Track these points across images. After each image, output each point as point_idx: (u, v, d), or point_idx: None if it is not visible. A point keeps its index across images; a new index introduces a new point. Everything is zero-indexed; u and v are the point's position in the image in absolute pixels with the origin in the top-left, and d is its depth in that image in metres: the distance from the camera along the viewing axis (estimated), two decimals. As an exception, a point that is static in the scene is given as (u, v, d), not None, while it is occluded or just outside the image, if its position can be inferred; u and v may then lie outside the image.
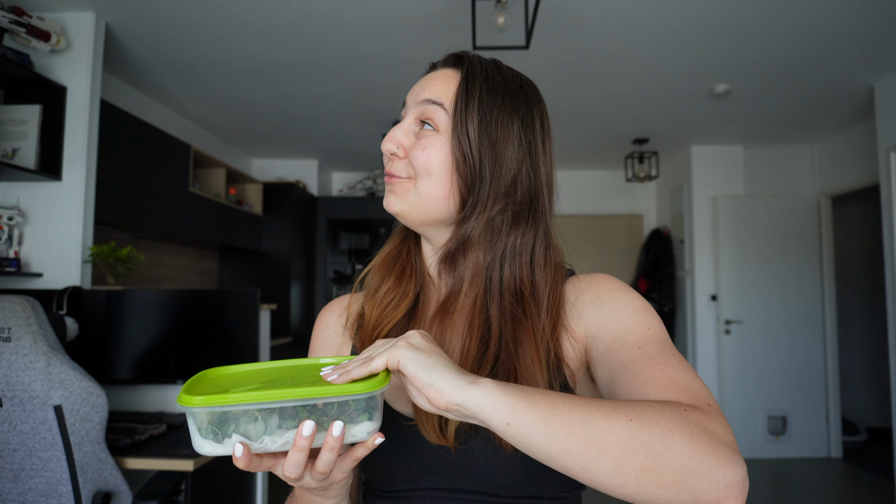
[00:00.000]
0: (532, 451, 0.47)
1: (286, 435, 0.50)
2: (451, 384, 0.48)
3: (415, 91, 0.70)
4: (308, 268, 5.09)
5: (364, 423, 0.52)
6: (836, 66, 3.15)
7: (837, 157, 4.47)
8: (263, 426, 0.50)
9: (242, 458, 0.49)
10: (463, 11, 2.52)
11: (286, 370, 0.59)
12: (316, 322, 0.80)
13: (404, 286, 0.72)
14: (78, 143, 2.47)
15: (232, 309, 2.22)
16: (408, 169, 0.68)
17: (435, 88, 0.68)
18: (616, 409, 0.47)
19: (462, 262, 0.68)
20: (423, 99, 0.68)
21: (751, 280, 4.62)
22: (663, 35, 2.79)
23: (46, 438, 1.50)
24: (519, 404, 0.47)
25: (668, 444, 0.45)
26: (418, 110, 0.69)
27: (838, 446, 4.51)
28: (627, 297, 0.66)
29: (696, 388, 0.52)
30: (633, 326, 0.62)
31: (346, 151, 4.99)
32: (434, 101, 0.68)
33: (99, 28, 2.58)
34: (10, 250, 2.36)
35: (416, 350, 0.51)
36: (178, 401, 0.49)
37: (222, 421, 0.50)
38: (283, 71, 3.22)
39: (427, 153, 0.67)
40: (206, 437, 0.50)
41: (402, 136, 0.69)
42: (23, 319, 1.50)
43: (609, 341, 0.62)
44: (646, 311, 0.64)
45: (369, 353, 0.53)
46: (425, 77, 0.71)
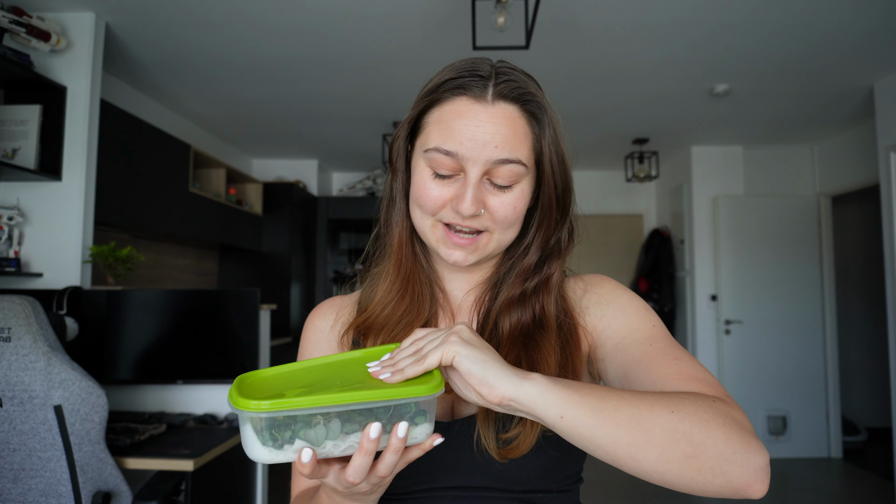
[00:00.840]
0: (582, 442, 0.49)
1: (349, 439, 0.49)
2: (505, 380, 0.49)
3: (477, 141, 0.62)
4: (308, 268, 5.09)
5: (423, 425, 0.51)
6: (836, 66, 3.15)
7: (837, 157, 4.47)
8: (325, 431, 0.48)
9: (309, 463, 0.47)
10: (463, 11, 2.52)
11: (328, 368, 0.57)
12: (307, 324, 0.78)
13: (418, 303, 0.71)
14: (78, 143, 2.47)
15: (232, 309, 2.22)
16: (485, 223, 0.65)
17: (506, 142, 0.62)
18: (658, 402, 0.50)
19: (536, 299, 0.69)
20: (499, 159, 0.62)
21: (751, 280, 4.62)
22: (663, 35, 2.79)
23: (46, 438, 1.50)
24: (570, 398, 0.49)
25: (706, 433, 0.48)
26: (490, 167, 0.63)
27: (838, 446, 4.51)
28: (628, 297, 0.69)
29: (712, 380, 0.57)
30: (640, 324, 0.65)
31: (346, 151, 4.99)
32: (512, 161, 0.63)
33: (99, 28, 2.58)
34: (10, 250, 2.36)
35: (470, 346, 0.51)
36: (234, 405, 0.47)
37: (283, 426, 0.48)
38: (283, 70, 3.22)
39: (516, 210, 0.66)
40: (265, 443, 0.47)
41: (480, 195, 0.64)
42: (23, 319, 1.50)
43: (618, 338, 0.65)
44: (648, 310, 0.68)
45: (417, 347, 0.53)
46: (478, 117, 0.62)
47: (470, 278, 0.74)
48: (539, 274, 0.70)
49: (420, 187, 0.66)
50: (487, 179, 0.64)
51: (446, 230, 0.65)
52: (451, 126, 0.63)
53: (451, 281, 0.74)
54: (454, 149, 0.62)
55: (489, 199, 0.64)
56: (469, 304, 0.73)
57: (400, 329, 0.69)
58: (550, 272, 0.70)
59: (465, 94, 0.63)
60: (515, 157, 0.63)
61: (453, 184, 0.64)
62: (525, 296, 0.69)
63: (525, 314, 0.68)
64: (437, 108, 0.65)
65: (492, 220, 0.65)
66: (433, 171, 0.65)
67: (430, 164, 0.64)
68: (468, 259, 0.66)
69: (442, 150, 0.63)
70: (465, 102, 0.63)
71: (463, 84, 0.63)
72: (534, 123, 0.65)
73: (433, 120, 0.65)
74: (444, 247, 0.66)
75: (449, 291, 0.74)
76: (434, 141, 0.64)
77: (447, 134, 0.63)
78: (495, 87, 0.63)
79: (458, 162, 0.62)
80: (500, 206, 0.64)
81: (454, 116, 0.63)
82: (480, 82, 0.63)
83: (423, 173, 0.66)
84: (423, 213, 0.66)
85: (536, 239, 0.70)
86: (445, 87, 0.64)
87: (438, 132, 0.64)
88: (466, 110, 0.63)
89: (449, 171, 0.64)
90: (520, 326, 0.67)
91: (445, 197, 0.64)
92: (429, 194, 0.65)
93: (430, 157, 0.64)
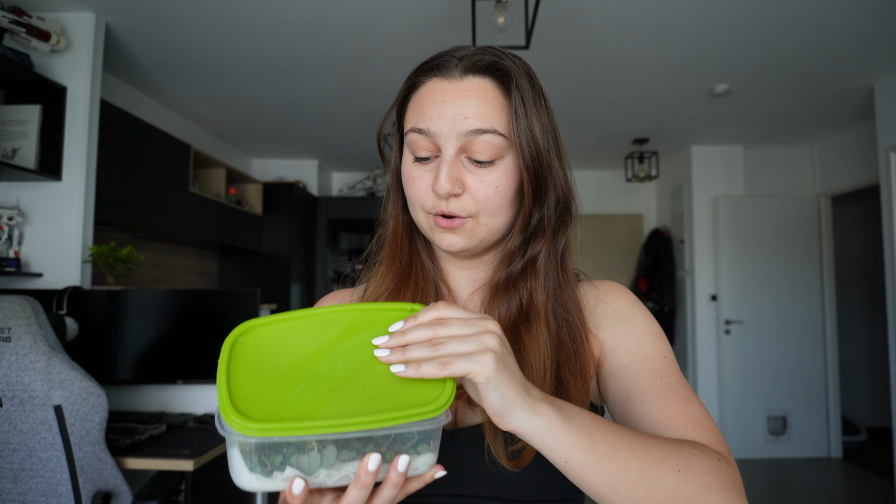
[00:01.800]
0: (582, 485, 0.49)
1: (345, 468, 0.44)
2: (519, 414, 0.46)
3: (446, 116, 0.60)
4: (308, 268, 5.09)
5: (426, 455, 0.46)
6: (836, 66, 3.15)
7: (837, 157, 4.47)
8: (319, 458, 0.44)
9: (301, 495, 0.42)
10: (463, 11, 2.52)
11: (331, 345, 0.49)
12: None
13: (421, 300, 0.68)
14: (78, 143, 2.47)
15: (232, 309, 2.22)
16: (468, 206, 0.61)
17: (476, 111, 0.60)
18: (667, 457, 0.49)
19: (523, 285, 0.65)
20: (471, 129, 0.59)
21: (751, 280, 4.62)
22: (663, 35, 2.79)
23: (46, 438, 1.50)
24: (580, 443, 0.47)
25: (706, 498, 0.49)
26: (464, 141, 0.60)
27: (838, 446, 4.51)
28: (644, 318, 0.67)
29: (716, 430, 0.58)
30: (652, 352, 0.63)
31: (346, 151, 4.99)
32: (486, 130, 0.60)
33: (99, 28, 2.58)
34: (10, 250, 2.36)
35: (502, 372, 0.45)
36: (225, 419, 0.42)
37: (274, 450, 0.43)
38: (283, 70, 3.22)
39: (499, 190, 0.61)
40: (253, 469, 0.43)
41: (456, 172, 0.60)
42: (23, 319, 1.50)
43: (626, 361, 0.63)
44: (661, 338, 0.66)
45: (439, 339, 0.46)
46: (447, 93, 0.61)
47: (474, 276, 0.70)
48: (523, 256, 0.65)
49: (406, 176, 0.64)
50: (466, 157, 0.61)
51: (437, 218, 0.62)
52: (422, 105, 0.62)
53: (456, 279, 0.71)
54: (425, 126, 0.60)
55: (468, 178, 0.61)
56: (475, 304, 0.70)
57: None
58: (535, 252, 0.65)
59: (435, 74, 0.62)
60: (490, 126, 0.59)
61: (433, 168, 0.62)
62: (511, 281, 0.65)
63: (512, 303, 0.64)
64: (413, 94, 0.64)
65: (474, 203, 0.61)
66: (413, 156, 0.63)
67: (410, 148, 0.63)
68: (460, 242, 0.62)
69: (416, 129, 0.61)
70: (435, 82, 0.62)
71: (434, 65, 0.63)
72: (510, 95, 0.62)
73: (410, 105, 0.64)
74: (438, 233, 0.63)
75: (455, 290, 0.71)
76: (409, 123, 0.63)
77: (419, 114, 0.62)
78: (463, 63, 0.62)
79: (433, 141, 0.60)
80: (480, 185, 0.60)
81: (425, 96, 0.62)
82: (452, 61, 0.62)
83: (406, 161, 0.64)
84: (413, 206, 0.64)
85: (518, 219, 0.65)
86: (420, 70, 0.64)
87: (413, 114, 0.63)
88: (436, 88, 0.62)
89: (427, 152, 0.61)
90: (507, 318, 0.64)
91: (427, 182, 0.62)
92: (412, 181, 0.63)
93: (408, 140, 0.63)
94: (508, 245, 0.66)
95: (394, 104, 0.68)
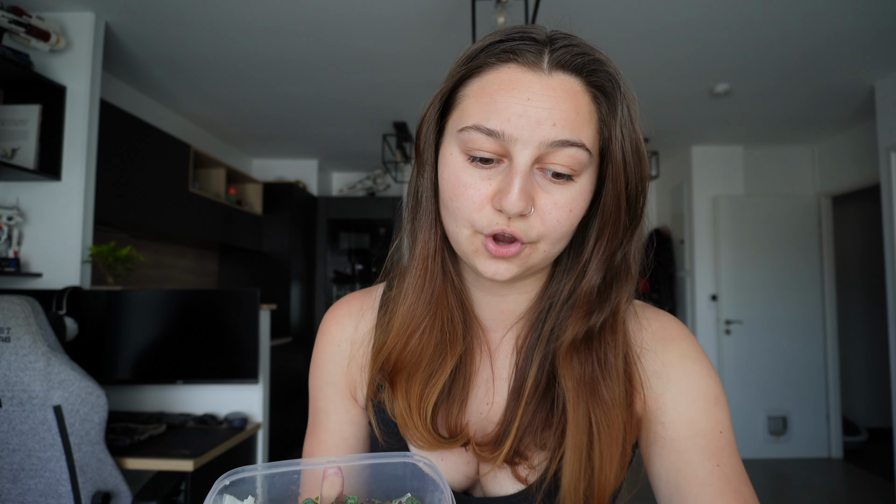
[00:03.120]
0: None
1: None
2: None
3: (530, 118, 0.48)
4: (308, 268, 5.09)
5: None
6: (836, 66, 3.15)
7: (837, 157, 4.47)
8: None
9: None
10: (463, 11, 2.52)
11: None
12: (322, 328, 0.66)
13: (450, 333, 0.57)
14: (78, 143, 2.47)
15: (232, 309, 2.22)
16: (533, 230, 0.50)
17: (567, 117, 0.48)
18: None
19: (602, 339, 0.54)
20: (558, 140, 0.48)
21: (751, 280, 4.62)
22: (663, 35, 2.78)
23: (46, 439, 1.50)
24: None
25: None
26: (544, 151, 0.48)
27: (838, 446, 4.51)
28: (700, 378, 0.55)
29: None
30: (707, 426, 0.53)
31: (346, 151, 4.99)
32: (574, 143, 0.49)
33: (99, 28, 2.58)
34: (10, 250, 2.36)
35: None
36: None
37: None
38: (283, 71, 3.22)
39: (572, 214, 0.51)
40: None
41: (529, 187, 0.49)
42: (22, 319, 1.50)
43: (675, 434, 0.53)
44: (718, 403, 0.54)
45: None
46: (531, 89, 0.48)
47: (508, 306, 0.59)
48: (607, 304, 0.54)
49: (452, 181, 0.51)
50: (538, 169, 0.50)
51: (487, 240, 0.51)
52: (496, 99, 0.49)
53: (484, 307, 0.60)
54: (499, 127, 0.48)
55: (540, 196, 0.50)
56: (510, 342, 0.59)
57: (433, 370, 0.56)
58: (619, 300, 0.55)
59: (514, 59, 0.50)
60: (579, 139, 0.49)
61: (495, 175, 0.50)
62: (591, 336, 0.54)
63: (589, 361, 0.54)
64: (476, 79, 0.51)
65: (541, 227, 0.50)
66: (468, 156, 0.50)
67: (465, 146, 0.50)
68: (509, 271, 0.51)
69: (483, 128, 0.49)
70: (514, 70, 0.49)
71: (513, 48, 0.50)
72: (601, 101, 0.52)
73: (472, 92, 0.51)
74: (483, 258, 0.51)
75: (484, 324, 0.60)
76: (472, 117, 0.50)
77: (490, 108, 0.49)
78: (552, 54, 0.49)
79: (503, 144, 0.49)
80: (553, 207, 0.50)
81: (500, 87, 0.49)
82: (535, 46, 0.50)
83: (456, 161, 0.51)
84: (456, 221, 0.52)
85: (597, 253, 0.54)
86: (490, 51, 0.51)
87: (478, 107, 0.50)
88: (516, 80, 0.49)
89: (489, 153, 0.49)
90: (584, 378, 0.53)
91: (484, 193, 0.50)
92: (462, 189, 0.50)
93: (465, 137, 0.50)
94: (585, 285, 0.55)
95: (445, 86, 0.54)
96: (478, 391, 0.59)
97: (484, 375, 0.59)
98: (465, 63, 0.52)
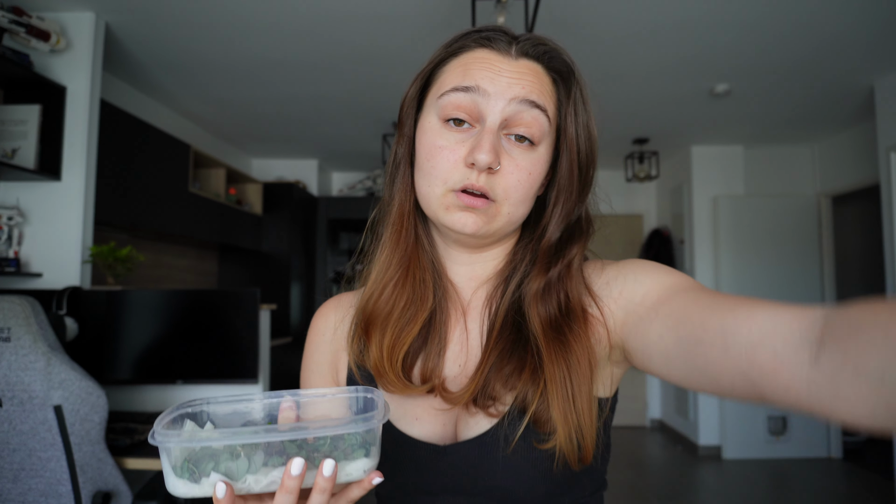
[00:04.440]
0: None
1: (272, 473, 0.44)
2: None
3: (501, 81, 0.56)
4: (308, 268, 5.09)
5: (360, 461, 0.46)
6: (836, 66, 3.15)
7: (837, 157, 4.47)
8: (247, 464, 0.44)
9: (225, 499, 0.42)
10: (463, 11, 2.52)
11: None
12: (311, 326, 0.73)
13: (420, 291, 0.63)
14: (78, 143, 2.47)
15: (232, 309, 2.22)
16: (497, 187, 0.57)
17: (532, 87, 0.57)
18: None
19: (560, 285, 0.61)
20: (525, 98, 0.56)
21: (751, 280, 4.62)
22: (663, 35, 2.79)
23: (46, 438, 1.50)
24: None
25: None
26: (512, 110, 0.56)
27: (838, 446, 4.51)
28: (649, 264, 0.61)
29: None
30: (677, 280, 0.56)
31: (346, 151, 4.99)
32: (538, 105, 0.57)
33: (99, 28, 2.58)
34: (10, 250, 2.36)
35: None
36: (149, 438, 0.44)
37: (200, 458, 0.44)
38: (282, 70, 3.22)
39: (531, 177, 0.58)
40: (181, 476, 0.44)
41: (497, 145, 0.56)
42: (22, 319, 1.50)
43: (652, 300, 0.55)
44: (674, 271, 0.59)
45: None
46: (500, 65, 0.57)
47: (476, 271, 0.66)
48: (562, 257, 0.62)
49: (428, 144, 0.58)
50: (505, 135, 0.57)
51: (458, 194, 0.57)
52: (472, 67, 0.58)
53: (456, 273, 0.66)
54: (474, 83, 0.56)
55: (504, 158, 0.57)
56: (480, 301, 0.65)
57: (404, 323, 0.62)
58: (572, 254, 0.62)
59: (488, 45, 0.59)
60: (543, 104, 0.57)
61: (467, 138, 0.57)
62: (550, 285, 0.61)
63: (551, 305, 0.60)
64: (455, 58, 0.60)
65: (503, 185, 0.57)
66: (444, 120, 0.58)
67: (443, 111, 0.58)
68: (477, 223, 0.57)
69: (460, 86, 0.57)
70: (487, 52, 0.58)
71: (488, 36, 0.59)
72: (559, 83, 0.60)
73: (450, 68, 0.60)
74: (453, 211, 0.58)
75: (457, 285, 0.66)
76: (451, 83, 0.58)
77: (466, 73, 0.57)
78: (518, 45, 0.59)
79: (476, 103, 0.56)
80: (516, 169, 0.57)
81: (475, 61, 0.58)
82: (505, 37, 0.59)
83: (433, 127, 0.59)
84: (430, 180, 0.58)
85: (556, 213, 0.62)
86: (468, 38, 0.60)
87: (456, 75, 0.58)
88: (489, 58, 0.58)
89: (465, 113, 0.57)
90: (549, 320, 0.60)
91: (459, 154, 0.57)
92: (438, 151, 0.57)
93: (443, 102, 0.58)
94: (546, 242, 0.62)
95: (426, 67, 0.62)
96: (453, 349, 0.64)
97: (458, 334, 0.64)
98: (446, 48, 0.61)
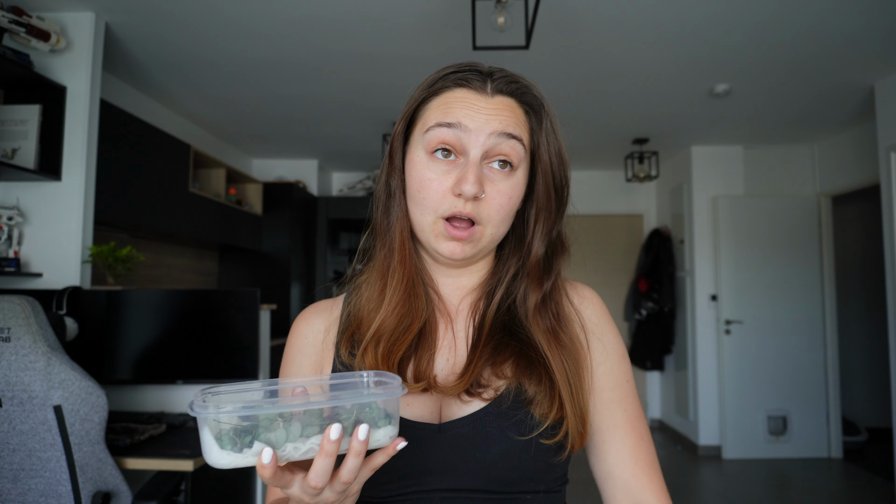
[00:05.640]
0: None
1: (310, 440, 0.48)
2: None
3: (479, 118, 0.63)
4: (308, 268, 5.09)
5: (386, 428, 0.51)
6: (836, 66, 3.15)
7: (837, 157, 4.47)
8: (285, 434, 0.48)
9: (270, 464, 0.46)
10: (463, 11, 2.52)
11: None
12: (291, 331, 0.75)
13: (414, 309, 0.68)
14: (78, 143, 2.47)
15: (232, 309, 2.22)
16: (482, 213, 0.64)
17: (508, 121, 0.64)
18: None
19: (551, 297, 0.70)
20: (503, 132, 0.63)
21: (751, 280, 4.62)
22: (663, 35, 2.78)
23: (46, 438, 1.50)
24: None
25: None
26: (492, 143, 0.63)
27: (838, 446, 4.51)
28: (614, 333, 0.72)
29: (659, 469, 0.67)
30: (621, 377, 0.70)
31: (346, 151, 4.99)
32: (514, 136, 0.64)
33: (99, 28, 2.58)
34: (10, 250, 2.36)
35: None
36: (194, 410, 0.47)
37: (243, 430, 0.47)
38: (283, 71, 3.22)
39: (511, 201, 0.65)
40: (224, 447, 0.46)
41: (481, 175, 0.63)
42: (22, 319, 1.50)
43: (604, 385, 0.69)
44: (625, 357, 0.71)
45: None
46: (478, 103, 0.64)
47: (461, 283, 0.72)
48: (551, 271, 0.70)
49: (418, 177, 0.64)
50: (486, 164, 0.64)
51: (446, 224, 0.64)
52: (451, 105, 0.64)
53: (443, 285, 0.72)
54: (456, 119, 0.63)
55: (487, 185, 0.63)
56: (466, 309, 0.71)
57: (400, 333, 0.66)
58: (558, 268, 0.70)
59: (465, 85, 0.65)
60: (519, 134, 0.64)
61: (453, 170, 0.63)
62: (545, 297, 0.69)
63: (547, 316, 0.68)
64: (435, 98, 0.66)
65: (487, 211, 0.64)
66: (431, 153, 0.64)
67: (428, 145, 0.64)
68: (464, 250, 0.64)
69: (444, 122, 0.63)
70: (465, 91, 0.65)
71: (464, 77, 0.65)
72: (531, 115, 0.67)
73: (433, 107, 0.66)
74: (442, 240, 0.65)
75: (444, 296, 0.72)
76: (434, 119, 0.64)
77: (448, 111, 0.64)
78: (493, 83, 0.65)
79: (459, 138, 0.63)
80: (497, 194, 0.63)
81: (455, 100, 0.64)
82: (480, 77, 0.65)
83: (421, 160, 0.65)
84: (423, 209, 0.65)
85: (538, 231, 0.69)
86: (447, 79, 0.66)
87: (439, 112, 0.64)
88: (468, 97, 0.64)
89: (449, 144, 0.63)
90: (550, 329, 0.67)
91: (445, 185, 0.63)
92: (426, 183, 0.63)
93: (428, 137, 0.64)
94: (533, 258, 0.69)
95: (409, 107, 0.69)
96: (442, 351, 0.69)
97: (447, 338, 0.70)
98: (426, 88, 0.67)
